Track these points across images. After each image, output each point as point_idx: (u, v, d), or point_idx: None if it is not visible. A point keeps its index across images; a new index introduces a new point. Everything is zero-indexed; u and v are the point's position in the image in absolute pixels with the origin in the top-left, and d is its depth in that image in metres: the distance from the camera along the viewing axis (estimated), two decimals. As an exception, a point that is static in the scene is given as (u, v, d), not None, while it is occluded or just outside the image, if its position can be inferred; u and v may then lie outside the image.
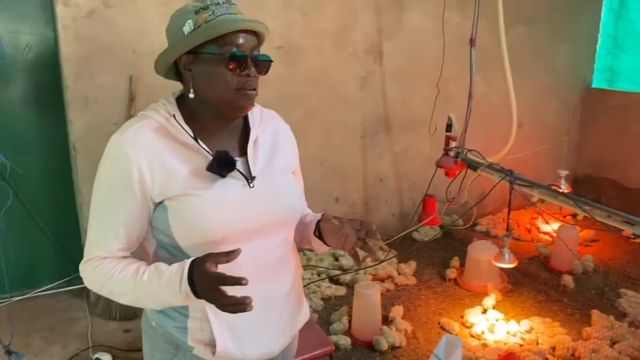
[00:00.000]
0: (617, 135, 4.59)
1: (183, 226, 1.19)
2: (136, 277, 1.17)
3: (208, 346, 1.24)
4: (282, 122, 1.43)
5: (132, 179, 1.16)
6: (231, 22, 1.16)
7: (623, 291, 3.30)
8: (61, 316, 3.20)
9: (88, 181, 3.12)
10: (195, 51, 1.18)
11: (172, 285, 1.12)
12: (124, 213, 1.19)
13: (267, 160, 1.30)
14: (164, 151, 1.19)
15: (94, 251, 1.22)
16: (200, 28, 1.16)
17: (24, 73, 3.09)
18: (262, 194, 1.25)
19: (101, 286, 1.22)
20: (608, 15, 4.57)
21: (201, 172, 1.19)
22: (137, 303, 1.21)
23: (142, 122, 1.21)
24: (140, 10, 3.03)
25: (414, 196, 4.19)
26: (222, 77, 1.17)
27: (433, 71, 3.86)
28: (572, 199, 2.44)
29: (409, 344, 2.85)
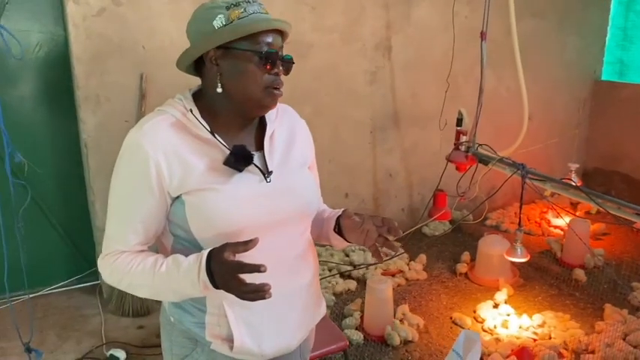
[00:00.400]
0: (627, 127, 4.56)
1: (201, 221, 1.19)
2: (154, 268, 1.18)
3: (226, 340, 1.25)
4: (297, 117, 1.43)
5: (149, 174, 1.17)
6: (264, 20, 1.17)
7: (635, 284, 3.29)
8: (74, 313, 3.22)
9: (99, 179, 3.13)
10: (226, 46, 1.18)
11: (190, 275, 1.12)
12: (142, 208, 1.20)
13: (283, 154, 1.31)
14: (181, 145, 1.19)
15: (112, 245, 1.24)
16: (233, 24, 1.17)
17: (34, 71, 3.11)
18: (279, 189, 1.25)
19: (120, 280, 1.24)
20: (618, 7, 4.54)
21: (218, 166, 1.20)
22: (156, 295, 1.23)
23: (158, 117, 1.22)
24: (150, 7, 3.04)
25: (423, 191, 4.19)
26: (252, 74, 1.19)
27: (442, 65, 3.85)
28: (585, 193, 2.43)
29: (421, 339, 2.85)
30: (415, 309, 3.10)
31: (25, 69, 3.08)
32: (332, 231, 1.37)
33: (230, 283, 1.08)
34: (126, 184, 1.21)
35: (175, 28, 3.11)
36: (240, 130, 1.27)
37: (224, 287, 1.10)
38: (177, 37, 3.13)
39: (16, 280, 3.33)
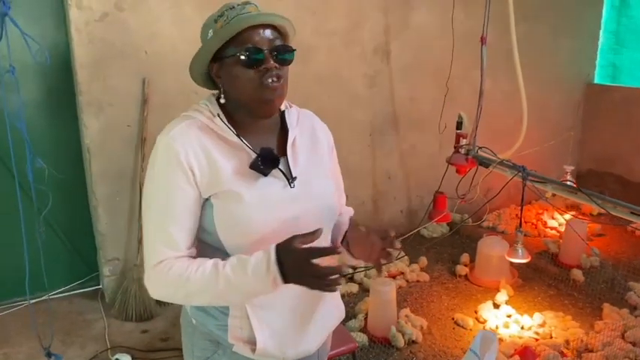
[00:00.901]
0: (620, 130, 4.63)
1: (227, 224, 1.21)
2: (217, 272, 1.15)
3: (248, 343, 1.26)
4: (318, 122, 1.45)
5: (186, 174, 1.18)
6: (240, 21, 1.19)
7: (632, 284, 3.35)
8: (76, 318, 3.21)
9: (102, 184, 3.14)
10: (220, 57, 1.22)
11: (259, 272, 1.11)
12: (186, 208, 1.20)
13: (305, 160, 1.33)
14: (209, 148, 1.21)
15: (164, 252, 1.19)
16: (217, 33, 1.20)
17: (36, 76, 3.10)
18: (302, 195, 1.27)
19: (175, 291, 1.20)
20: (610, 12, 4.62)
21: (244, 170, 1.22)
22: (218, 300, 1.21)
23: (186, 122, 1.24)
24: (151, 12, 3.05)
25: (422, 193, 4.23)
26: (243, 76, 1.20)
27: (439, 69, 3.90)
28: (586, 194, 2.47)
29: (425, 340, 2.88)
30: (417, 310, 3.13)
31: (27, 74, 3.07)
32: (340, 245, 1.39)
33: (305, 271, 1.08)
34: (165, 183, 1.20)
35: (177, 33, 3.13)
36: (261, 134, 1.29)
37: (296, 278, 1.10)
38: (179, 41, 3.15)
39: (19, 285, 3.34)
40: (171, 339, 3.00)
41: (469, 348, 1.69)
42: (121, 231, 3.25)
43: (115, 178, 3.16)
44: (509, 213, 4.50)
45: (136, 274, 3.15)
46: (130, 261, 3.27)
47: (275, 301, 1.25)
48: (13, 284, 3.34)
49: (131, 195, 3.22)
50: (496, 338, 1.70)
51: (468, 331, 2.96)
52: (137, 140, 3.15)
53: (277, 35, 1.24)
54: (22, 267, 3.32)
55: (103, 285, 3.37)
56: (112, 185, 3.16)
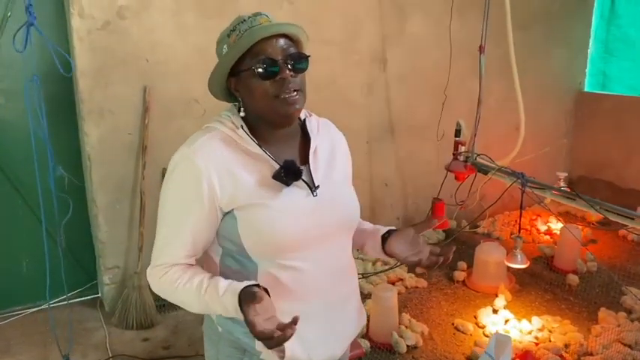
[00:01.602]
0: (610, 137, 4.72)
1: (253, 235, 1.23)
2: (199, 291, 1.21)
3: (276, 350, 1.28)
4: (337, 131, 1.48)
5: (201, 190, 1.20)
6: (253, 34, 1.20)
7: (626, 288, 3.40)
8: (76, 326, 3.18)
9: (102, 192, 3.14)
10: (236, 71, 1.24)
11: (226, 304, 1.17)
12: (193, 222, 1.24)
13: (326, 169, 1.35)
14: (232, 161, 1.23)
15: (161, 258, 1.27)
16: (230, 49, 1.23)
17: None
18: (325, 203, 1.29)
19: (166, 295, 1.29)
20: (599, 21, 4.71)
21: (267, 181, 1.24)
22: (202, 312, 1.29)
23: (209, 134, 1.25)
24: (153, 21, 3.07)
25: (418, 200, 4.27)
26: (259, 88, 1.22)
27: (435, 78, 3.96)
28: (585, 200, 2.52)
29: (426, 345, 2.91)
30: (417, 316, 3.16)
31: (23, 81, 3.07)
32: (380, 238, 1.42)
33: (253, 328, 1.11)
34: (177, 198, 1.24)
35: (178, 41, 3.15)
36: (283, 143, 1.31)
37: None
38: (181, 50, 3.17)
39: (16, 294, 3.33)
40: (172, 347, 3.00)
41: (484, 351, 1.72)
42: (121, 239, 3.25)
43: (115, 186, 3.16)
44: (503, 219, 4.55)
45: (136, 282, 3.14)
46: (130, 269, 3.26)
47: (302, 307, 1.26)
48: (10, 293, 3.33)
49: (131, 203, 3.22)
50: (511, 340, 1.74)
51: (468, 336, 2.99)
52: (138, 148, 3.16)
53: (291, 44, 1.26)
54: (21, 275, 3.33)
55: (103, 293, 3.36)
56: (112, 193, 3.16)
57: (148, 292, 3.17)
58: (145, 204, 3.18)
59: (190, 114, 3.27)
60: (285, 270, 1.25)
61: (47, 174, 2.06)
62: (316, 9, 3.54)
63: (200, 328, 3.16)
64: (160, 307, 3.25)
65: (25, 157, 3.14)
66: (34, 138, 2.02)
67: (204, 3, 3.16)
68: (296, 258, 1.25)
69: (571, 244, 3.69)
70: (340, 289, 1.36)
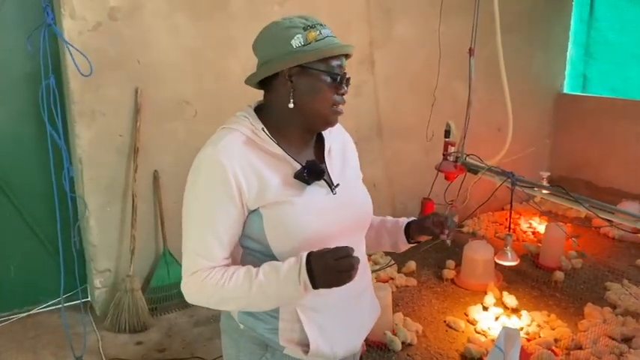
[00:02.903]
0: (589, 138, 4.86)
1: (279, 233, 1.25)
2: (250, 279, 1.21)
3: (299, 345, 1.31)
4: (345, 133, 1.52)
5: (231, 187, 1.22)
6: (339, 45, 1.27)
7: (608, 284, 3.50)
8: (68, 331, 3.15)
9: (94, 195, 3.11)
10: (302, 65, 1.25)
11: (292, 277, 1.17)
12: (226, 221, 1.25)
13: (340, 168, 1.39)
14: (255, 160, 1.25)
15: (200, 262, 1.25)
16: (312, 45, 1.24)
17: (29, 85, 3.04)
18: (343, 200, 1.33)
19: (209, 297, 1.26)
20: (579, 25, 4.84)
21: (289, 180, 1.27)
22: (250, 305, 1.27)
23: (230, 135, 1.27)
24: (145, 22, 3.05)
25: (405, 200, 4.33)
26: (324, 93, 1.27)
27: (422, 79, 4.02)
28: (574, 199, 2.60)
29: (420, 343, 2.95)
30: (410, 314, 3.20)
31: (18, 83, 3.03)
32: (402, 231, 1.50)
33: (332, 268, 1.15)
34: (208, 197, 1.24)
35: (171, 42, 3.14)
36: (302, 144, 1.35)
37: (325, 282, 1.17)
38: (173, 51, 3.16)
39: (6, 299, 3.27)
40: (167, 349, 2.98)
41: (494, 344, 1.77)
42: (112, 242, 3.22)
43: (106, 189, 3.14)
44: (487, 219, 4.64)
45: (129, 285, 3.12)
46: (122, 272, 3.24)
47: (323, 300, 1.30)
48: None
49: (123, 205, 3.19)
50: (519, 334, 1.78)
51: (460, 332, 3.04)
52: (129, 150, 3.14)
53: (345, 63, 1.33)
54: (9, 280, 3.27)
55: (93, 297, 3.32)
56: (103, 196, 3.14)
57: (140, 295, 3.15)
58: (136, 206, 3.16)
59: (182, 116, 3.26)
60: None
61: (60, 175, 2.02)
62: (305, 11, 3.49)
63: (194, 331, 3.17)
64: (152, 310, 3.23)
65: (13, 160, 3.11)
66: (50, 140, 1.99)
67: (195, 5, 3.16)
68: None
69: (556, 241, 3.79)
70: (358, 282, 1.39)
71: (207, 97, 3.29)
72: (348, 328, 1.37)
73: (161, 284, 3.30)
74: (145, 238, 3.27)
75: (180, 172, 3.37)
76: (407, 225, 1.51)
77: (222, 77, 3.30)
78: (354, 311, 1.39)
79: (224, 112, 3.26)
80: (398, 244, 1.53)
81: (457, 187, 3.45)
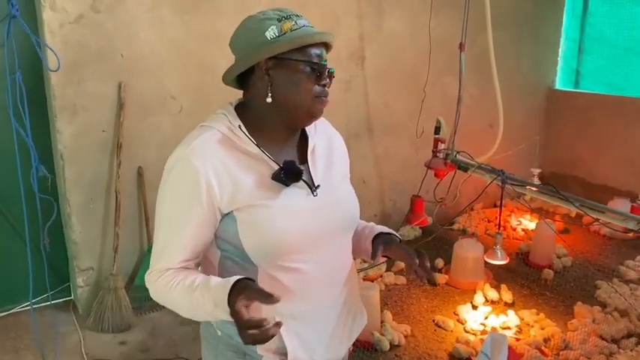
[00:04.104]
0: (581, 134, 4.82)
1: (254, 237, 1.20)
2: (190, 291, 1.17)
3: (277, 354, 1.26)
4: (332, 129, 1.46)
5: (200, 191, 1.17)
6: (317, 33, 1.20)
7: (599, 282, 3.48)
8: (49, 331, 3.08)
9: (76, 191, 3.04)
10: (278, 57, 1.19)
11: (215, 297, 1.12)
12: (192, 225, 1.20)
13: (325, 168, 1.33)
14: (230, 161, 1.20)
15: (159, 262, 1.24)
16: (287, 35, 1.18)
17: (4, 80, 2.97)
18: (325, 203, 1.27)
19: (162, 299, 1.25)
20: (572, 20, 4.80)
21: (266, 181, 1.21)
22: (194, 316, 1.22)
23: (205, 134, 1.21)
24: (129, 14, 2.98)
25: (395, 197, 4.28)
26: (304, 84, 1.21)
27: (412, 75, 3.97)
28: (564, 197, 2.56)
29: (408, 342, 2.91)
30: (398, 313, 3.16)
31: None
32: (369, 242, 1.40)
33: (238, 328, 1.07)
34: (175, 200, 1.20)
35: (155, 36, 3.07)
36: (283, 143, 1.29)
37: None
38: (157, 45, 3.09)
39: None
40: (150, 350, 2.93)
41: (480, 350, 1.72)
42: (95, 240, 3.16)
43: (89, 185, 3.07)
44: (477, 216, 4.60)
45: (112, 284, 3.06)
46: (105, 270, 3.17)
47: (303, 309, 1.25)
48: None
49: (106, 202, 3.13)
50: (507, 340, 1.74)
51: (449, 332, 3.00)
52: (112, 146, 3.07)
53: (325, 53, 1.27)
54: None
55: (76, 296, 3.26)
56: (86, 192, 3.07)
57: (124, 294, 3.09)
58: (120, 203, 3.09)
59: (167, 111, 3.19)
60: (285, 272, 1.22)
61: (27, 174, 1.95)
62: (293, 4, 3.42)
63: (178, 330, 3.12)
64: (136, 309, 3.17)
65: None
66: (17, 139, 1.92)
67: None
68: (297, 259, 1.23)
69: (546, 239, 3.76)
70: (342, 289, 1.34)
71: (193, 91, 3.22)
72: (330, 338, 1.32)
73: (145, 282, 3.23)
74: (128, 236, 3.21)
75: (165, 169, 3.25)
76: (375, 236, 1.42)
77: (209, 71, 3.23)
78: (337, 320, 1.33)
79: (210, 106, 3.24)
80: (369, 255, 1.42)
81: (447, 184, 3.41)
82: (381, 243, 1.36)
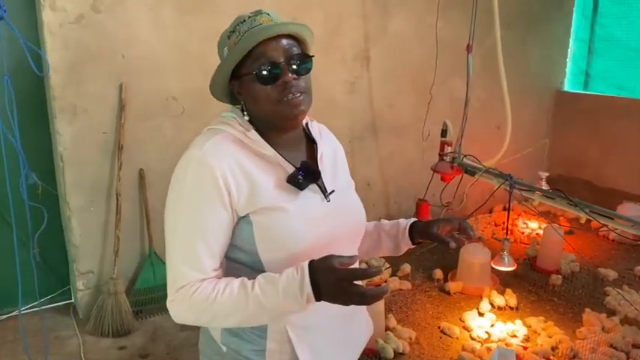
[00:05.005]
0: (589, 136, 4.75)
1: (270, 241, 1.15)
2: (246, 293, 1.09)
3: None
4: (333, 136, 1.43)
5: (220, 191, 1.11)
6: (253, 35, 1.14)
7: (608, 289, 3.41)
8: (48, 335, 3.04)
9: (76, 194, 3.00)
10: (238, 75, 1.18)
11: (291, 291, 1.06)
12: (217, 227, 1.14)
13: (332, 175, 1.30)
14: (245, 162, 1.16)
15: (188, 275, 1.13)
16: (231, 51, 1.16)
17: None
18: (337, 208, 1.24)
19: (200, 314, 1.13)
20: (582, 21, 4.72)
21: (281, 184, 1.17)
22: (247, 321, 1.14)
23: (219, 135, 1.17)
24: (129, 14, 2.94)
25: (399, 200, 4.22)
26: (261, 92, 1.16)
27: (418, 76, 3.91)
28: (574, 203, 2.50)
29: (413, 350, 2.85)
30: (403, 320, 3.10)
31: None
32: (405, 234, 1.40)
33: (346, 292, 1.03)
34: (195, 202, 1.13)
35: (156, 36, 3.03)
36: (292, 149, 1.25)
37: (332, 297, 1.05)
38: (158, 45, 3.05)
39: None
40: (151, 355, 2.88)
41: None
42: (95, 243, 3.11)
43: (89, 188, 3.03)
44: (484, 220, 4.54)
45: (112, 288, 3.02)
46: (105, 274, 3.13)
47: (315, 320, 1.20)
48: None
49: (107, 205, 3.09)
50: (514, 355, 1.68)
51: (455, 339, 2.94)
52: (113, 148, 3.03)
53: (294, 43, 1.18)
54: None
55: (76, 299, 3.22)
56: (86, 195, 3.03)
57: (124, 298, 3.04)
58: (121, 206, 3.05)
59: (168, 112, 3.15)
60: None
61: (18, 181, 1.90)
62: (297, 5, 3.45)
63: (179, 335, 3.07)
64: (137, 314, 3.13)
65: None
66: (4, 143, 1.86)
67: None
68: None
69: (554, 244, 3.69)
70: None
71: (195, 93, 3.17)
72: (342, 349, 1.28)
73: (146, 286, 3.20)
74: (129, 239, 3.16)
75: (167, 171, 3.24)
76: (410, 225, 1.42)
77: (211, 72, 3.13)
78: (348, 330, 1.30)
79: (212, 108, 3.16)
80: (400, 247, 1.43)
81: (453, 188, 3.35)
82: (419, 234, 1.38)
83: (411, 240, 1.40)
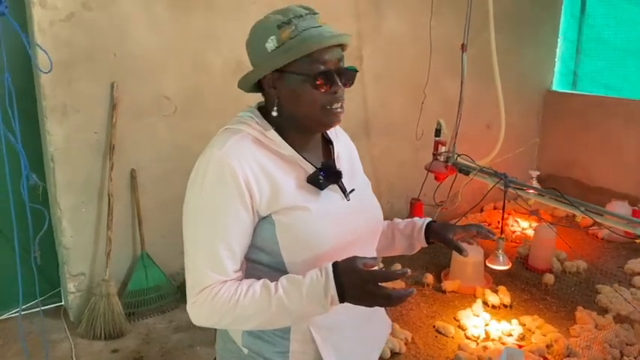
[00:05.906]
0: (578, 136, 4.79)
1: (294, 241, 1.14)
2: (268, 295, 1.07)
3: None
4: (347, 136, 1.43)
5: (241, 192, 1.09)
6: (316, 38, 1.11)
7: (599, 287, 3.44)
8: (39, 338, 2.99)
9: (67, 195, 2.95)
10: (283, 70, 1.13)
11: (316, 293, 1.05)
12: (238, 229, 1.12)
13: (350, 174, 1.29)
14: (266, 163, 1.14)
15: (210, 277, 1.10)
16: (284, 46, 1.11)
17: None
18: (357, 207, 1.24)
19: (222, 317, 1.10)
20: (570, 21, 4.76)
21: (302, 184, 1.17)
22: (269, 323, 1.12)
23: (238, 135, 1.15)
24: (121, 12, 2.89)
25: (392, 199, 4.22)
26: (309, 96, 1.13)
27: (410, 76, 3.91)
28: (569, 201, 2.51)
29: (409, 349, 2.85)
30: (398, 319, 3.10)
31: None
32: (421, 233, 1.43)
33: (371, 293, 1.03)
34: (216, 203, 1.10)
35: (148, 34, 2.99)
36: (311, 149, 1.24)
37: (356, 298, 1.04)
38: (151, 44, 3.01)
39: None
40: (144, 357, 2.84)
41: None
42: (87, 244, 3.06)
43: (80, 188, 2.98)
44: (476, 219, 4.56)
45: (104, 290, 2.97)
46: (97, 276, 3.08)
47: (337, 319, 1.19)
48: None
49: (98, 206, 3.04)
50: (523, 355, 1.68)
51: (450, 339, 2.95)
52: (105, 148, 2.98)
53: (342, 55, 1.18)
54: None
55: (67, 302, 3.17)
56: (77, 196, 2.98)
57: (116, 300, 3.00)
58: (112, 207, 3.00)
59: (161, 111, 3.11)
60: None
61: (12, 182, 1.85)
62: (290, 3, 3.41)
63: (172, 337, 3.03)
64: (130, 316, 3.08)
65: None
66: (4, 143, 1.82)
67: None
68: None
69: (546, 243, 3.72)
70: None
71: (188, 92, 3.14)
72: (361, 346, 1.27)
73: (138, 288, 3.15)
74: (121, 240, 3.12)
75: (159, 171, 3.21)
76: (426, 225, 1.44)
77: (204, 71, 3.15)
78: (369, 328, 1.29)
79: (205, 107, 3.16)
80: (414, 246, 1.45)
81: (447, 187, 3.35)
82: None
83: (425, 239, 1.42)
